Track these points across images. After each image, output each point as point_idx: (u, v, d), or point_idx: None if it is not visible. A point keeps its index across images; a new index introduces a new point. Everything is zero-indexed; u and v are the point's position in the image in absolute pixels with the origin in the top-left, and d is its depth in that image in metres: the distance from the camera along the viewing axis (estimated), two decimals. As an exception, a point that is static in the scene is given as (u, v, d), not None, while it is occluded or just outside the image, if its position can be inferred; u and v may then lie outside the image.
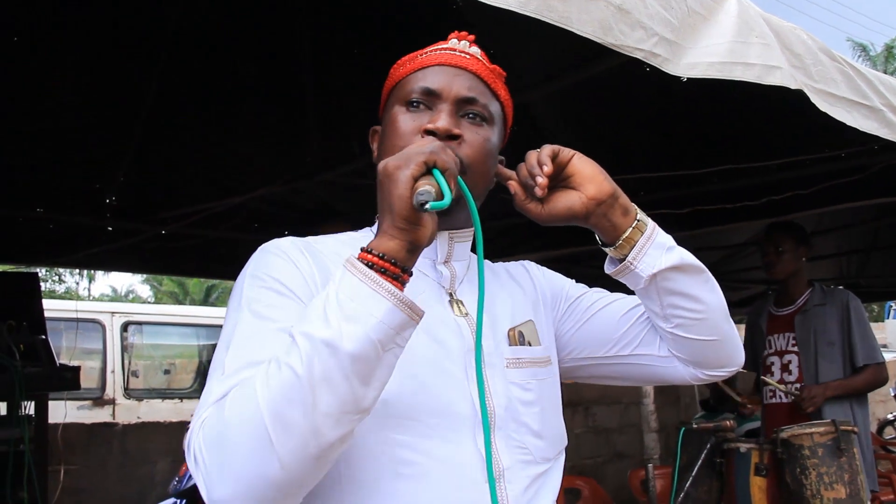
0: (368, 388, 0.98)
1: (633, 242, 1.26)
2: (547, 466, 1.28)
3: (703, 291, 1.31)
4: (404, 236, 1.01)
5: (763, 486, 3.29)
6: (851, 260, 6.69)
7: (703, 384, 5.52)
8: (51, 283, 24.99)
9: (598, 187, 1.23)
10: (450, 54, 1.30)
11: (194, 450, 0.98)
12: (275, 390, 0.94)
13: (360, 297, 0.98)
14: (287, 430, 0.94)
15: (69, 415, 5.89)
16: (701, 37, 1.84)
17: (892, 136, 2.44)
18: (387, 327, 0.98)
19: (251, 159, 4.16)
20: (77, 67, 3.23)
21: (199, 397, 3.11)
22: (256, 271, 1.18)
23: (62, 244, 4.84)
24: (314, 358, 0.94)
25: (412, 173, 1.00)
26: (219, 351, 1.11)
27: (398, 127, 1.26)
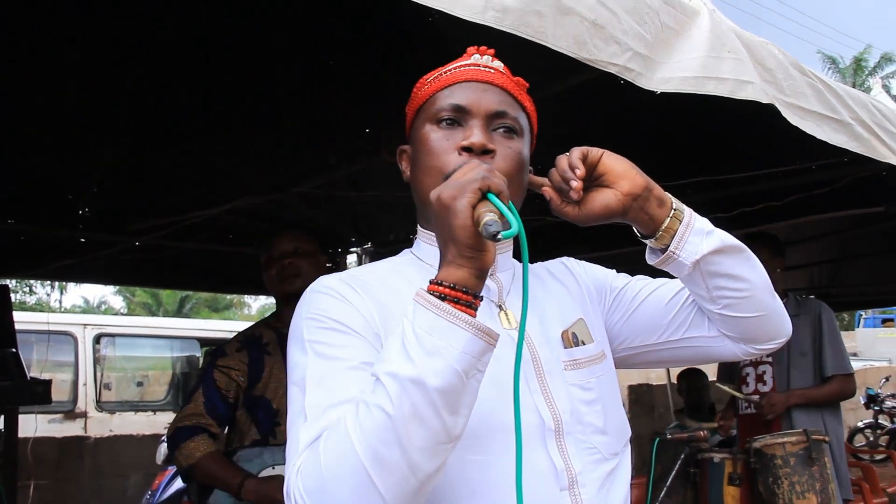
0: (457, 416, 1.00)
1: (673, 231, 1.27)
2: (616, 462, 1.29)
3: (746, 270, 1.32)
4: (472, 264, 1.03)
5: (736, 496, 3.32)
6: (823, 270, 6.77)
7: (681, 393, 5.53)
8: (21, 294, 24.67)
9: (632, 182, 1.24)
10: (475, 70, 1.32)
11: (295, 496, 1.00)
12: (369, 432, 0.96)
13: (438, 331, 0.99)
14: (386, 470, 0.96)
15: (40, 428, 5.83)
16: (674, 51, 1.86)
17: (860, 149, 2.48)
18: (468, 356, 0.99)
19: (226, 171, 4.13)
20: (50, 77, 3.20)
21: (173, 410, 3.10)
22: (311, 313, 1.19)
23: (34, 256, 4.78)
24: (402, 396, 0.96)
25: (469, 202, 1.02)
26: (294, 397, 1.13)
27: (432, 146, 1.28)
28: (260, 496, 2.67)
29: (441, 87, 1.32)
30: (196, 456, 2.70)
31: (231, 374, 2.84)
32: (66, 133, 3.62)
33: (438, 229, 1.06)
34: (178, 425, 2.79)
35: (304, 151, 3.80)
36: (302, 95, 3.51)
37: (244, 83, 3.47)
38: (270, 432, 2.80)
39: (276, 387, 2.84)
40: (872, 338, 23.08)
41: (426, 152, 1.29)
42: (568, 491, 1.19)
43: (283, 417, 2.79)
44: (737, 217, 3.91)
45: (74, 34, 2.99)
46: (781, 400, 3.80)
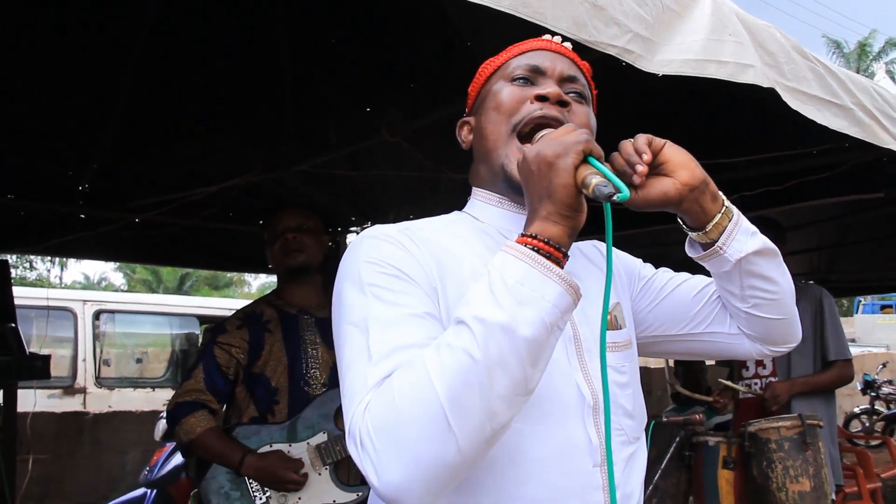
0: (536, 369, 1.01)
1: (723, 228, 1.30)
2: (637, 446, 1.33)
3: (779, 274, 1.37)
4: (568, 223, 1.05)
5: (730, 479, 3.34)
6: (822, 255, 6.77)
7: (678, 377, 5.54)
8: (21, 269, 24.69)
9: (692, 174, 1.26)
10: (548, 42, 1.38)
11: (360, 435, 0.99)
12: (452, 374, 0.96)
13: (530, 281, 1.00)
14: (465, 414, 0.96)
15: (39, 403, 5.85)
16: (675, 34, 1.85)
17: (861, 134, 2.47)
18: (558, 310, 1.01)
19: (227, 148, 4.13)
20: (52, 53, 3.19)
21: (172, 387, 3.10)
22: (371, 258, 1.18)
23: (34, 231, 4.78)
24: (489, 341, 0.96)
25: (573, 162, 1.05)
26: (352, 336, 1.12)
27: (504, 98, 1.32)
28: (260, 471, 2.69)
29: (516, 54, 1.37)
30: (196, 431, 2.72)
31: (231, 351, 2.85)
32: (67, 109, 3.62)
33: (534, 185, 1.07)
34: (177, 401, 2.80)
35: (304, 130, 3.79)
36: (303, 74, 3.50)
37: (246, 61, 3.46)
38: (269, 410, 2.82)
39: (275, 365, 2.85)
40: (871, 324, 23.14)
41: (498, 101, 1.32)
42: (600, 468, 1.21)
43: (282, 395, 2.82)
44: (736, 201, 3.89)
45: (78, 11, 2.98)
46: (785, 389, 3.81)
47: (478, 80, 1.43)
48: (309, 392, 2.84)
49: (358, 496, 2.80)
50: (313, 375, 2.86)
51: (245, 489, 2.71)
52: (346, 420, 1.04)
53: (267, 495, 2.71)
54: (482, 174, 1.39)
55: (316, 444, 2.79)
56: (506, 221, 1.34)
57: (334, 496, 2.78)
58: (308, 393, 2.84)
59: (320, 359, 2.90)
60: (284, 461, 2.72)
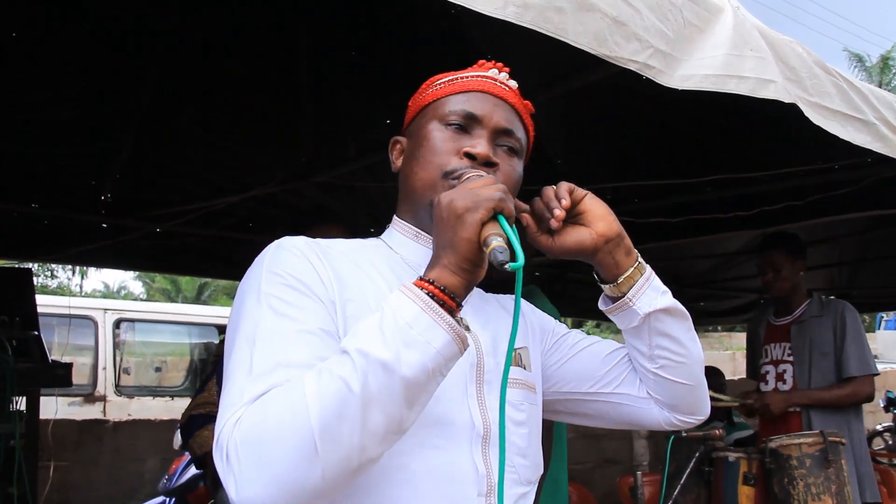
0: (412, 411, 1.02)
1: (634, 281, 1.32)
2: (528, 489, 1.31)
3: (687, 338, 1.37)
4: (466, 275, 1.06)
5: (751, 496, 3.30)
6: (843, 271, 6.72)
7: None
8: (43, 277, 24.91)
9: (609, 226, 1.28)
10: (492, 83, 1.35)
11: (227, 448, 0.99)
12: (327, 403, 0.96)
13: (420, 326, 1.01)
14: (335, 444, 0.96)
15: (60, 411, 5.90)
16: (696, 49, 1.85)
17: (884, 149, 2.45)
18: (442, 357, 1.02)
19: (247, 159, 4.16)
20: (74, 63, 3.23)
21: (190, 395, 3.10)
22: (274, 267, 1.18)
23: (56, 240, 4.84)
24: (369, 376, 0.97)
25: (481, 218, 1.05)
26: (239, 346, 1.11)
27: (436, 144, 1.30)
28: None
29: (456, 91, 1.34)
30: (210, 444, 2.72)
31: None
32: (89, 119, 3.66)
33: (441, 231, 1.08)
34: (191, 413, 2.80)
35: (323, 141, 3.81)
36: (323, 86, 3.52)
37: (266, 73, 3.49)
38: None
39: None
40: (893, 340, 22.84)
41: (428, 147, 1.30)
42: (485, 498, 1.20)
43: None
44: (757, 216, 3.88)
45: (100, 20, 3.01)
46: (780, 400, 3.76)
47: (419, 98, 1.40)
48: None
49: None
50: None
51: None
52: (216, 431, 1.03)
53: None
54: (406, 206, 1.39)
55: None
56: (418, 256, 1.32)
57: None
58: None
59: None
60: None
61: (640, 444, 7.64)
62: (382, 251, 1.36)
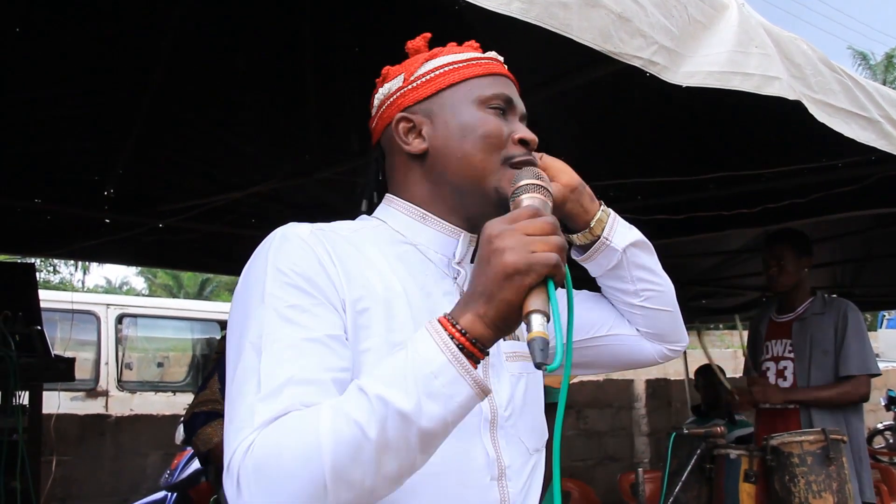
0: (425, 455, 1.02)
1: (604, 223, 1.39)
2: (537, 457, 1.32)
3: (659, 268, 1.46)
4: (498, 333, 1.02)
5: (752, 493, 3.30)
6: (846, 269, 6.71)
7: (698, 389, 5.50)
8: (45, 273, 24.96)
9: (570, 176, 1.36)
10: (503, 66, 1.37)
11: (239, 475, 0.98)
12: (342, 447, 0.95)
13: (445, 378, 0.98)
14: (347, 487, 0.96)
15: (62, 406, 5.90)
16: (701, 45, 1.85)
17: (889, 147, 2.45)
18: (463, 410, 1.01)
19: (251, 155, 4.16)
20: (78, 58, 3.23)
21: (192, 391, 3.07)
22: (279, 263, 1.13)
23: (59, 235, 4.84)
24: (388, 425, 0.96)
25: (530, 283, 0.98)
26: (246, 353, 1.08)
27: (491, 127, 1.27)
28: None
29: (483, 73, 1.32)
30: (214, 441, 2.73)
31: None
32: (93, 114, 3.66)
33: (480, 273, 1.02)
34: (194, 410, 2.81)
35: (327, 137, 3.81)
36: (327, 82, 3.52)
37: (270, 69, 3.49)
38: None
39: None
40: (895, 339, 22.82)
41: (485, 130, 1.26)
42: (497, 482, 1.21)
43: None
44: (760, 213, 3.88)
45: (104, 16, 3.01)
46: (775, 393, 3.77)
47: (435, 75, 1.31)
48: None
49: None
50: None
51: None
52: (227, 452, 1.01)
53: None
54: (425, 187, 1.31)
55: None
56: (427, 238, 1.29)
57: None
58: None
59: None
60: None
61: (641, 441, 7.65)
62: (388, 236, 1.29)
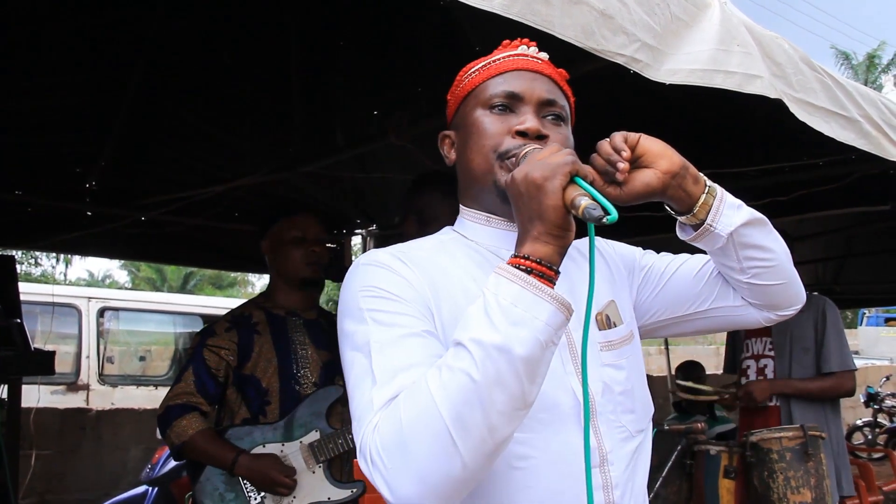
0: (534, 384, 1.05)
1: (709, 207, 1.34)
2: (641, 438, 1.36)
3: (772, 241, 1.41)
4: (558, 242, 1.08)
5: (731, 489, 3.33)
6: (827, 267, 6.77)
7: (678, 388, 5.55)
8: (27, 265, 24.74)
9: (670, 161, 1.30)
10: (525, 59, 1.38)
11: (371, 453, 1.05)
12: (453, 394, 1.00)
13: (524, 302, 1.03)
14: (467, 431, 1.00)
15: (42, 399, 5.85)
16: (683, 43, 1.85)
17: (868, 146, 2.47)
18: (551, 328, 1.04)
19: (234, 148, 4.15)
20: (61, 50, 3.20)
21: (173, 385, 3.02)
22: (365, 285, 1.23)
23: (41, 228, 4.80)
24: (487, 362, 1.00)
25: (561, 183, 1.08)
26: (357, 362, 1.17)
27: (485, 128, 1.33)
28: (253, 472, 2.69)
29: (492, 74, 1.37)
30: (188, 433, 2.71)
31: (221, 354, 2.84)
32: (75, 106, 3.63)
33: (524, 206, 1.09)
34: (168, 404, 2.80)
35: (311, 131, 3.80)
36: (311, 76, 3.51)
37: (255, 63, 3.48)
38: (260, 411, 2.82)
39: (265, 366, 2.84)
40: (875, 336, 23.03)
41: (479, 134, 1.34)
42: (599, 469, 1.26)
43: (273, 396, 2.82)
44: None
45: (88, 9, 2.99)
46: (763, 388, 3.79)
47: (457, 90, 1.44)
48: (300, 391, 2.85)
49: (352, 493, 2.82)
50: (304, 375, 2.87)
51: (240, 490, 2.72)
52: (357, 439, 1.09)
53: (262, 495, 2.71)
54: (470, 194, 1.42)
55: (309, 442, 2.80)
56: (495, 239, 1.38)
57: (328, 493, 2.79)
58: (299, 392, 2.84)
59: (310, 359, 2.91)
60: (278, 464, 2.72)
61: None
62: (460, 243, 1.40)
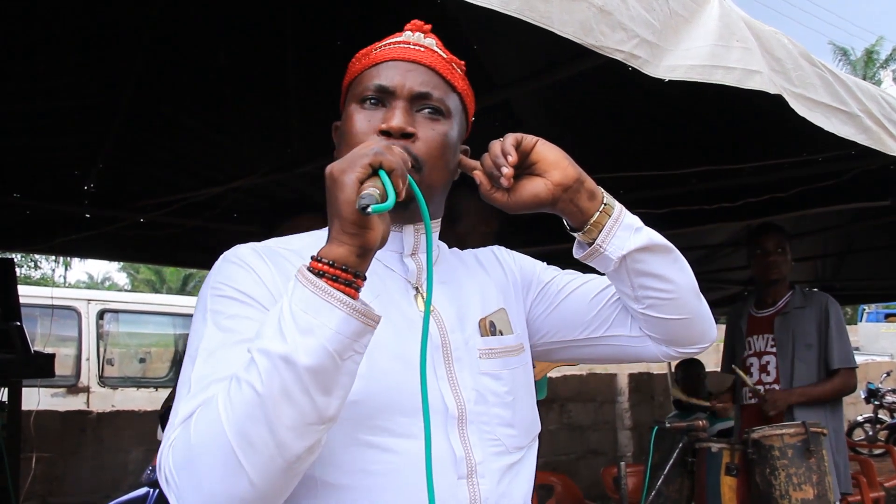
0: (330, 397, 0.97)
1: (601, 226, 1.25)
2: (520, 455, 1.28)
3: (673, 271, 1.31)
4: (353, 241, 0.99)
5: (733, 486, 3.33)
6: (827, 263, 6.77)
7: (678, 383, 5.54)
8: (26, 268, 24.72)
9: (563, 173, 1.22)
10: (403, 48, 1.28)
11: (165, 471, 0.99)
12: (237, 409, 0.94)
13: (312, 309, 0.96)
14: (253, 448, 0.94)
15: (43, 402, 5.85)
16: (682, 39, 1.85)
17: (868, 141, 2.46)
18: (342, 337, 0.96)
19: (232, 150, 4.14)
20: (59, 52, 3.20)
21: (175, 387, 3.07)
22: (217, 282, 1.17)
23: (39, 230, 4.80)
24: (272, 374, 0.94)
25: (357, 176, 0.98)
26: (185, 367, 1.10)
27: (354, 126, 1.24)
28: None
29: (368, 65, 1.28)
30: None
31: None
32: (73, 109, 3.63)
33: (328, 203, 1.02)
34: (168, 404, 2.79)
35: (309, 132, 3.79)
36: (308, 75, 3.50)
37: (252, 63, 3.47)
38: None
39: None
40: (875, 332, 23.05)
41: (348, 132, 1.25)
42: (466, 480, 1.18)
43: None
44: (742, 207, 3.90)
45: (84, 10, 2.98)
46: (783, 397, 3.79)
47: (346, 77, 1.34)
48: None
49: None
50: None
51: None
52: (157, 455, 1.03)
53: None
54: None
55: None
56: None
57: None
58: None
59: None
60: None
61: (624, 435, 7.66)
62: None
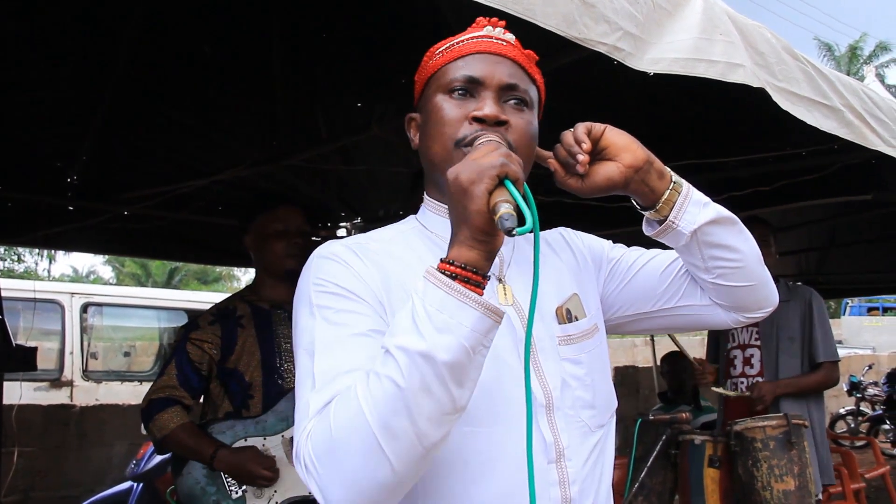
0: (463, 389, 1.05)
1: (672, 203, 1.33)
2: (602, 433, 1.35)
3: (739, 241, 1.38)
4: (483, 247, 1.07)
5: (716, 478, 3.35)
6: (810, 257, 6.80)
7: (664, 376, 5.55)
8: (9, 262, 24.57)
9: (634, 155, 1.29)
10: (488, 42, 1.34)
11: (304, 460, 1.07)
12: (379, 402, 1.02)
13: (448, 309, 1.03)
14: (395, 438, 1.02)
15: (25, 396, 5.82)
16: (665, 32, 1.85)
17: (850, 136, 2.48)
18: (477, 334, 1.04)
19: (217, 141, 4.11)
20: (41, 43, 3.17)
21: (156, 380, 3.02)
22: (318, 278, 1.24)
23: (22, 223, 4.75)
24: (412, 369, 1.01)
25: (486, 188, 1.05)
26: (302, 360, 1.22)
27: (444, 115, 1.30)
28: (232, 466, 2.69)
29: (454, 57, 1.33)
30: (170, 427, 2.71)
31: (204, 347, 2.84)
32: (56, 100, 3.59)
33: (453, 208, 1.09)
34: (151, 397, 2.80)
35: (295, 124, 3.78)
36: (294, 68, 3.49)
37: (238, 55, 3.45)
38: (243, 405, 2.81)
39: (248, 360, 2.84)
40: (858, 326, 23.28)
41: (437, 121, 1.31)
42: (555, 464, 1.25)
43: (256, 390, 2.81)
44: (725, 201, 3.89)
45: (67, 2, 2.96)
46: (770, 389, 3.82)
47: (423, 71, 1.40)
48: (283, 386, 2.84)
49: None
50: (287, 369, 2.86)
51: (221, 483, 2.71)
52: (294, 444, 1.11)
53: (242, 489, 2.71)
54: (431, 182, 1.41)
55: (290, 436, 2.79)
56: None
57: None
58: (282, 386, 2.84)
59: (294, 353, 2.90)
60: (257, 457, 2.71)
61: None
62: (419, 233, 1.39)
